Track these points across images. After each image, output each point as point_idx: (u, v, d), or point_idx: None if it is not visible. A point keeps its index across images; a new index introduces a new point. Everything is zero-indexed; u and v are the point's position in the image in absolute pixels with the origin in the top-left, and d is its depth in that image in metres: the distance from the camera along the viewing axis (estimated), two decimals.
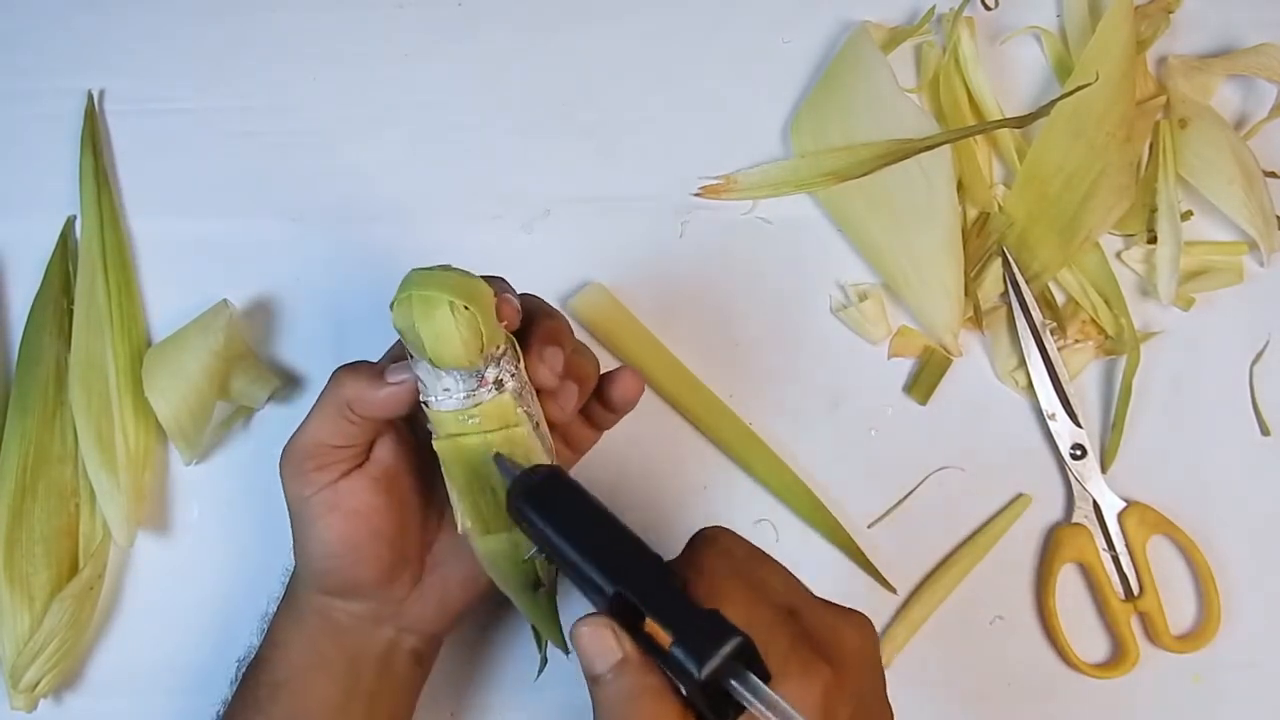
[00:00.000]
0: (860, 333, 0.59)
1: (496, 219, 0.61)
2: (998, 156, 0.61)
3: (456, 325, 0.40)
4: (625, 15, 0.63)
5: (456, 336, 0.40)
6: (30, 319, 0.58)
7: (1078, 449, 0.58)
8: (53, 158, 0.61)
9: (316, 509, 0.46)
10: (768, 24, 0.63)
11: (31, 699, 0.54)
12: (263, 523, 0.45)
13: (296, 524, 0.47)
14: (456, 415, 0.42)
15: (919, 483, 0.58)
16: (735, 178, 0.61)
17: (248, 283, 0.60)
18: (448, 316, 0.40)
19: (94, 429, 0.55)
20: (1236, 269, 0.60)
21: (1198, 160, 0.59)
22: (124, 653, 0.57)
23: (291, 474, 0.46)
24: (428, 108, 0.62)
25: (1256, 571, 0.58)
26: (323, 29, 0.63)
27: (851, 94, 0.59)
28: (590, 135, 0.62)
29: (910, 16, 0.63)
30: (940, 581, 0.57)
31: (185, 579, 0.57)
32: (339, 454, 0.46)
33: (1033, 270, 0.59)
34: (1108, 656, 0.58)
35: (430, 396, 0.43)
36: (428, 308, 0.40)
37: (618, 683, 0.38)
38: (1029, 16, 0.63)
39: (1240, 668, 0.57)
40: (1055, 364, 0.58)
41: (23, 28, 0.63)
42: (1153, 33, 0.61)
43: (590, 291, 0.58)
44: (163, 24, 0.63)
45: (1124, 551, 0.57)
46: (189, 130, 0.62)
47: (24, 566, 0.54)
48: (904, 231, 0.59)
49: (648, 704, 0.37)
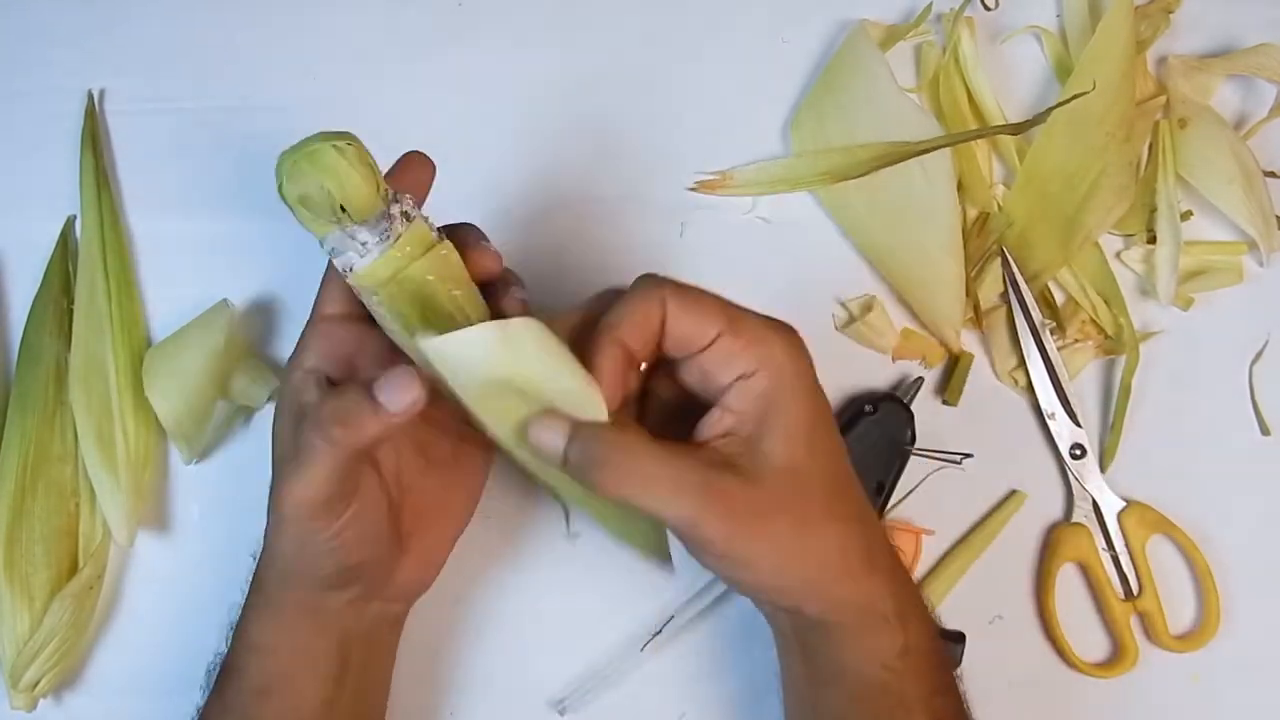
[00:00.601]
0: (869, 345, 0.59)
1: (496, 219, 0.61)
2: (998, 156, 0.61)
3: (350, 163, 0.40)
4: (625, 15, 0.63)
5: (355, 174, 0.40)
6: (30, 319, 0.58)
7: (1077, 448, 0.58)
8: (53, 158, 0.61)
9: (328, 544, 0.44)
10: (767, 23, 0.63)
11: (31, 698, 0.54)
12: (263, 522, 0.45)
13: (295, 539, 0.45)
14: (385, 260, 0.42)
15: (919, 482, 0.58)
16: (732, 174, 0.61)
17: (248, 283, 0.60)
18: (337, 157, 0.40)
19: (94, 428, 0.55)
20: (1236, 269, 0.60)
21: (1197, 160, 0.59)
22: (124, 653, 0.57)
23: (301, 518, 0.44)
24: (428, 108, 0.62)
25: (1256, 571, 0.58)
26: (323, 29, 0.63)
27: (850, 93, 0.59)
28: (590, 135, 0.62)
29: (909, 15, 0.63)
30: (939, 580, 0.57)
31: (185, 579, 0.57)
32: (347, 488, 0.44)
33: (1032, 270, 0.59)
34: (1107, 656, 0.58)
35: (352, 262, 0.42)
36: (317, 159, 0.40)
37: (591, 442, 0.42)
38: (1029, 16, 0.63)
39: (1239, 667, 0.57)
40: (1055, 364, 0.58)
41: (23, 27, 0.63)
42: (1153, 33, 0.61)
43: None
44: (163, 24, 0.63)
45: (1123, 551, 0.57)
46: (189, 130, 0.62)
47: (24, 566, 0.54)
48: (904, 231, 0.59)
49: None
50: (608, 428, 0.43)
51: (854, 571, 0.44)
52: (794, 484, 0.43)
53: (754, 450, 0.43)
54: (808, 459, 0.43)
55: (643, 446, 0.42)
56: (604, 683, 0.56)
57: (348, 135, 0.41)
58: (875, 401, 0.56)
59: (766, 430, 0.43)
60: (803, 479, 0.43)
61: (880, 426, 0.56)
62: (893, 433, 0.56)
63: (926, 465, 0.58)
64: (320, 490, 0.43)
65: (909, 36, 0.62)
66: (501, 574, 0.57)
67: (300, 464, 0.43)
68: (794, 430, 0.43)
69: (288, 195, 0.41)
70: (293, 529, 0.44)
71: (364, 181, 0.40)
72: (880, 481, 0.56)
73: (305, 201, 0.41)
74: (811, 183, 0.60)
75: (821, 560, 0.44)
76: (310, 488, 0.43)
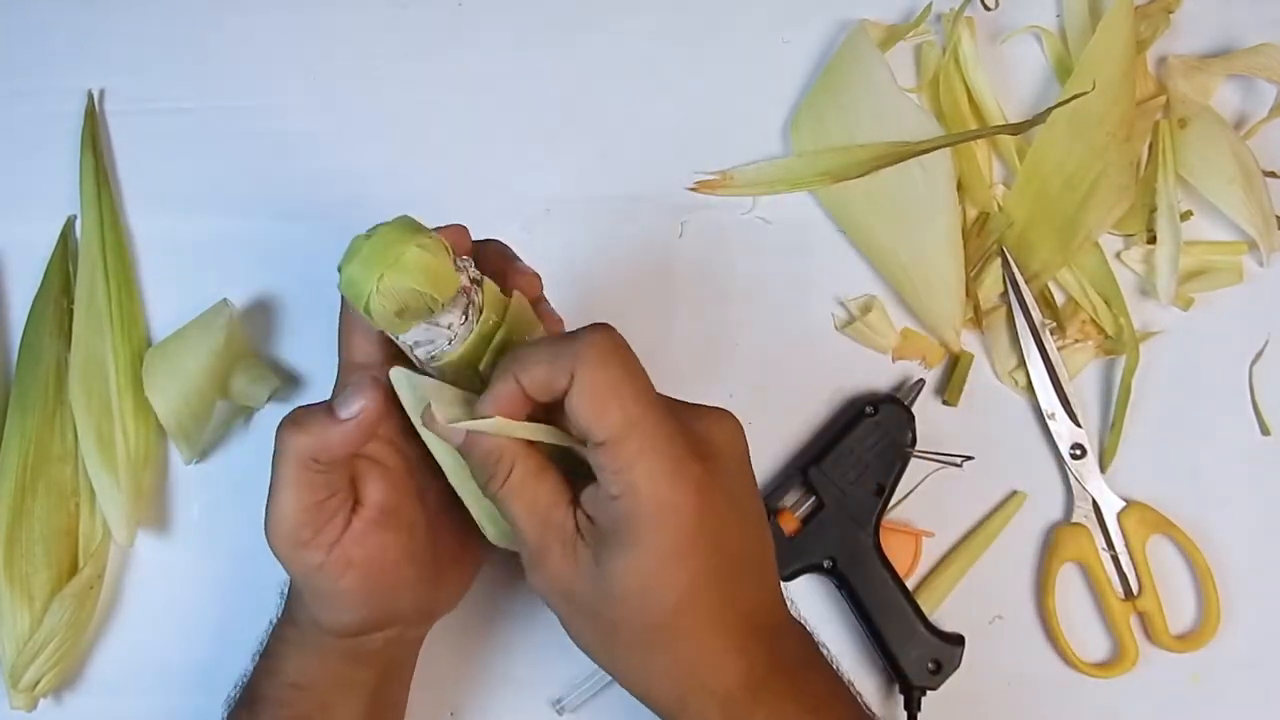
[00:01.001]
0: (869, 345, 0.59)
1: (496, 219, 0.60)
2: (998, 156, 0.61)
3: (435, 255, 0.38)
4: (625, 15, 0.63)
5: (438, 265, 0.38)
6: (30, 319, 0.58)
7: (1077, 448, 0.58)
8: (53, 158, 0.61)
9: (332, 572, 0.44)
10: (768, 23, 0.63)
11: (31, 698, 0.54)
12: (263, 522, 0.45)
13: (311, 590, 0.45)
14: (476, 339, 0.41)
15: (919, 482, 0.58)
16: (731, 174, 0.61)
17: (248, 283, 0.60)
18: (420, 253, 0.38)
19: (94, 428, 0.55)
20: (1236, 269, 0.60)
21: (1197, 160, 0.59)
22: (124, 653, 0.57)
23: (291, 550, 0.43)
24: (428, 108, 0.62)
25: (1256, 571, 0.58)
26: (323, 29, 0.63)
27: (850, 93, 0.59)
28: (590, 135, 0.62)
29: (909, 15, 0.62)
30: (939, 580, 0.57)
31: (185, 579, 0.57)
32: (328, 507, 0.43)
33: (1032, 270, 0.59)
34: (1107, 656, 0.58)
35: (440, 349, 0.40)
36: (404, 259, 0.37)
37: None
38: (1029, 16, 0.63)
39: (1239, 667, 0.57)
40: (1055, 364, 0.58)
41: (23, 27, 0.63)
42: (1153, 33, 0.61)
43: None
44: (163, 24, 0.63)
45: (1123, 551, 0.57)
46: (189, 130, 0.62)
47: (24, 566, 0.54)
48: (905, 231, 0.59)
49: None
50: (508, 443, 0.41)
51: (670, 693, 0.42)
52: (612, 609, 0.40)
53: (602, 554, 0.40)
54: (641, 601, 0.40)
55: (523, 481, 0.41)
56: (604, 683, 0.56)
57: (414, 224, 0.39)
58: (876, 403, 0.56)
59: (612, 553, 0.40)
60: (624, 611, 0.40)
61: (881, 428, 0.56)
62: (893, 435, 0.56)
63: (926, 465, 0.58)
64: (290, 507, 0.42)
65: (909, 36, 0.62)
66: (501, 574, 0.57)
67: (271, 491, 0.43)
68: (635, 570, 0.39)
69: (377, 310, 0.38)
70: (293, 568, 0.44)
71: (449, 271, 0.38)
72: (880, 483, 0.56)
73: (403, 313, 0.38)
74: (811, 183, 0.60)
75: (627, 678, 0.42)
76: (281, 508, 0.42)
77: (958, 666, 0.55)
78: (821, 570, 0.55)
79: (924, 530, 0.57)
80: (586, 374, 0.39)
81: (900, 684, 0.55)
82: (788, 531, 0.55)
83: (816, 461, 0.56)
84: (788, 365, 0.59)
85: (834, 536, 0.55)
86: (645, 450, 0.39)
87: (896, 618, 0.55)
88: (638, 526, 0.39)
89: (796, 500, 0.56)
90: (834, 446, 0.56)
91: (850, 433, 0.56)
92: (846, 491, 0.55)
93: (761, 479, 0.58)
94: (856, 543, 0.55)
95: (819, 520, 0.55)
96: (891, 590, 0.55)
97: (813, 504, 0.56)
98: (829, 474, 0.56)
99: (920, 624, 0.55)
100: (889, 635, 0.55)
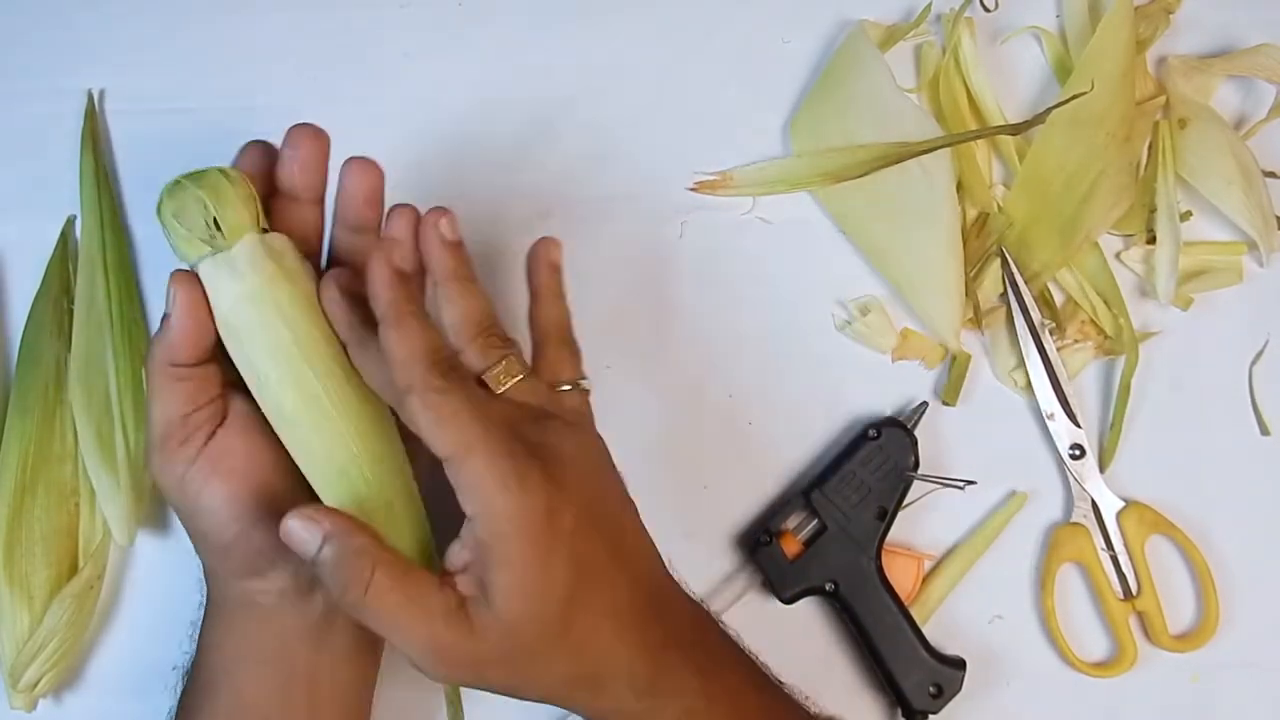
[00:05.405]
0: (869, 345, 0.59)
1: (496, 219, 0.61)
2: (997, 156, 0.61)
3: (233, 184, 0.42)
4: (625, 15, 0.63)
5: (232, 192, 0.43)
6: (30, 319, 0.58)
7: (1076, 449, 0.58)
8: (53, 158, 0.61)
9: (195, 482, 0.44)
10: (767, 23, 0.63)
11: (31, 698, 0.54)
12: None
13: (183, 511, 0.45)
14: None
15: (919, 497, 0.58)
16: (731, 174, 0.61)
17: None
18: (220, 177, 0.43)
19: (94, 429, 0.55)
20: (1236, 269, 0.60)
21: (1197, 160, 0.59)
22: (124, 653, 0.57)
23: (161, 464, 0.44)
24: (428, 108, 0.62)
25: (1255, 571, 0.58)
26: (323, 29, 0.63)
27: (850, 93, 0.60)
28: (590, 134, 0.62)
29: (909, 15, 0.62)
30: (939, 581, 0.57)
31: (185, 579, 0.57)
32: (194, 419, 0.44)
33: (1032, 270, 0.59)
34: (1106, 656, 0.58)
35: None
36: (203, 176, 0.42)
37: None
38: (1029, 16, 0.63)
39: (1239, 667, 0.57)
40: (1054, 364, 0.58)
41: (23, 28, 0.63)
42: (1153, 33, 0.61)
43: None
44: (163, 24, 0.63)
45: (1122, 551, 0.57)
46: (189, 130, 0.62)
47: (24, 566, 0.54)
48: (904, 231, 0.59)
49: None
50: (367, 543, 0.41)
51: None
52: (513, 639, 0.41)
53: (485, 593, 0.41)
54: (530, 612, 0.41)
55: (388, 579, 0.41)
56: None
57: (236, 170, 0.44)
58: (879, 426, 0.56)
59: (490, 580, 0.41)
60: (524, 634, 0.41)
61: (883, 451, 0.56)
62: (896, 458, 0.56)
63: (925, 466, 0.57)
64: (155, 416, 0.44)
65: (909, 37, 0.61)
66: None
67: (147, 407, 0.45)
68: (514, 585, 0.41)
69: (164, 214, 0.43)
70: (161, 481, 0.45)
71: (242, 201, 0.43)
72: (883, 507, 0.55)
73: (185, 230, 0.42)
74: (811, 183, 0.60)
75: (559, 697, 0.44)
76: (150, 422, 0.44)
77: (959, 690, 0.55)
78: (823, 593, 0.55)
79: (926, 553, 0.57)
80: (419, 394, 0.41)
81: (902, 708, 0.55)
82: (790, 554, 0.55)
83: (819, 484, 0.56)
84: (788, 365, 0.59)
85: (836, 560, 0.55)
86: (489, 465, 0.40)
87: (898, 642, 0.55)
88: (501, 541, 0.40)
89: (799, 523, 0.56)
90: (836, 469, 0.56)
91: (853, 456, 0.56)
92: (849, 515, 0.55)
93: (764, 500, 0.58)
94: (858, 566, 0.55)
95: (821, 543, 0.55)
96: (893, 614, 0.55)
97: (815, 527, 0.56)
98: (831, 497, 0.55)
99: (922, 648, 0.55)
100: (890, 659, 0.55)
